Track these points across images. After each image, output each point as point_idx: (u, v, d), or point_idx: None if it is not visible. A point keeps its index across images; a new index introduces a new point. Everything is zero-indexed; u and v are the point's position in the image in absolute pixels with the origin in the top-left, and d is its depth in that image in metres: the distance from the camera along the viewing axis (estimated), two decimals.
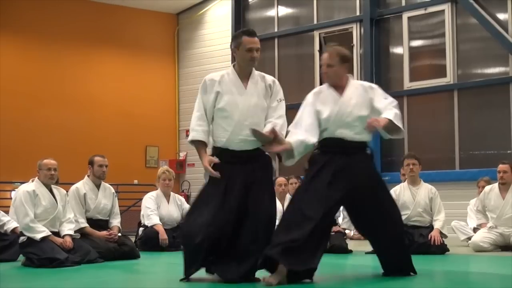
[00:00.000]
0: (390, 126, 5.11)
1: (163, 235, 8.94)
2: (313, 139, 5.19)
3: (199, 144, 5.31)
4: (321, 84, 14.74)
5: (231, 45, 5.42)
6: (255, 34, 5.34)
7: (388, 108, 5.19)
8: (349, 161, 5.19)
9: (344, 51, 5.37)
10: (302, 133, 5.17)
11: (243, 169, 5.22)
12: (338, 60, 5.27)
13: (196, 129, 5.32)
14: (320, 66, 5.43)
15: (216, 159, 5.23)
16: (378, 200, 5.26)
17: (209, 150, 5.40)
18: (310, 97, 5.37)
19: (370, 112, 5.24)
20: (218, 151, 5.29)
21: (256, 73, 5.38)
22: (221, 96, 5.28)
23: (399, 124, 5.15)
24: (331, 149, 5.25)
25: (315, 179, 5.17)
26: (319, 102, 5.29)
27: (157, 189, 9.51)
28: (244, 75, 5.34)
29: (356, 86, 5.34)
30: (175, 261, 7.63)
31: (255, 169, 5.25)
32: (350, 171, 5.16)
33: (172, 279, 5.82)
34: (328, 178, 5.13)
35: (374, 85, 5.44)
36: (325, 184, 5.11)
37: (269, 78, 5.45)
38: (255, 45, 5.29)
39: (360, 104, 5.25)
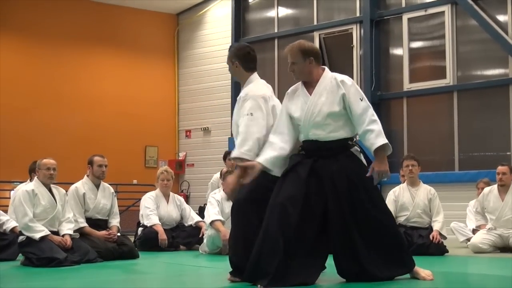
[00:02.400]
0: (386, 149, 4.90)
1: (162, 235, 8.93)
2: (288, 148, 5.00)
3: None
4: None
5: None
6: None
7: (364, 125, 4.87)
8: (324, 167, 4.92)
9: (306, 45, 5.12)
10: (277, 144, 4.97)
11: None
12: (301, 56, 5.02)
13: None
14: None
15: None
16: (359, 204, 4.89)
17: None
18: (285, 98, 5.14)
19: (342, 108, 4.92)
20: None
21: (246, 84, 5.33)
22: None
23: (386, 141, 4.86)
24: (308, 153, 5.01)
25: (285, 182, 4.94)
26: (291, 103, 5.07)
27: (156, 189, 9.51)
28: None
29: (329, 80, 5.00)
30: (174, 261, 7.65)
31: None
32: (326, 178, 4.90)
33: (171, 279, 5.83)
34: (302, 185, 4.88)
35: (348, 80, 5.01)
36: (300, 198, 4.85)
37: (243, 92, 5.24)
38: None
39: (330, 101, 4.94)
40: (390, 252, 4.95)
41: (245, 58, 5.35)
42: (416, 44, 12.85)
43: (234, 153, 5.07)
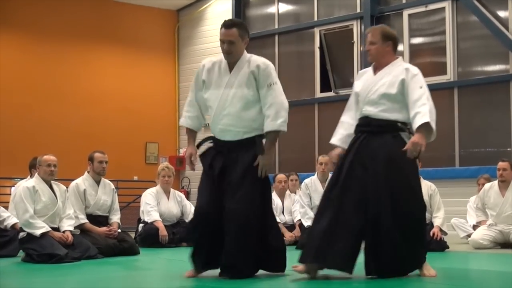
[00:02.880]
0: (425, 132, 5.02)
1: (163, 232, 8.94)
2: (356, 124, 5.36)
3: (187, 130, 5.52)
4: (321, 81, 14.70)
5: None
6: (230, 26, 5.30)
7: (416, 109, 5.02)
8: (370, 143, 5.12)
9: (387, 29, 5.41)
10: (347, 122, 5.38)
11: (225, 157, 5.26)
12: (380, 37, 5.25)
13: (184, 115, 5.57)
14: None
15: (194, 156, 5.39)
16: (390, 188, 4.99)
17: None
18: (356, 78, 5.53)
19: (398, 92, 5.12)
20: (212, 138, 5.44)
21: (246, 59, 5.28)
22: (206, 85, 5.36)
23: (433, 126, 5.03)
24: (359, 128, 5.26)
25: (339, 169, 5.22)
26: (358, 81, 5.40)
27: (157, 185, 9.51)
28: (232, 65, 5.31)
29: (396, 66, 5.26)
30: (175, 257, 7.66)
31: (238, 157, 5.22)
32: (369, 154, 5.09)
33: (172, 275, 5.83)
34: (347, 168, 5.12)
35: (414, 69, 5.23)
36: (344, 176, 5.11)
37: (255, 62, 5.25)
38: (225, 37, 5.31)
39: (389, 83, 5.17)
40: (410, 246, 5.01)
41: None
42: (417, 40, 12.84)
43: (270, 126, 5.13)
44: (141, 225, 9.25)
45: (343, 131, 5.37)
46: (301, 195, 8.85)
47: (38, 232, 6.95)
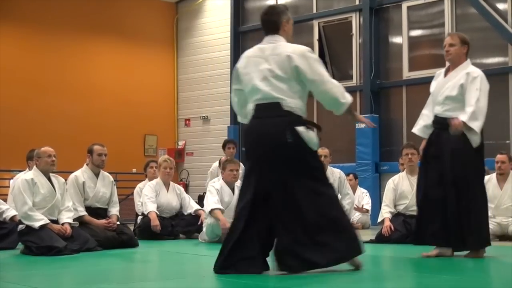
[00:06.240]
0: (466, 127, 5.80)
1: (154, 221, 8.85)
2: (432, 116, 6.26)
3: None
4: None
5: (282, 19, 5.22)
6: None
7: (467, 106, 5.83)
8: (440, 138, 6.02)
9: (464, 35, 6.23)
10: (426, 115, 6.33)
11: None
12: (459, 41, 6.07)
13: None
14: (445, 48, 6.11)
15: None
16: (453, 176, 5.90)
17: None
18: (434, 78, 6.36)
19: (458, 94, 5.94)
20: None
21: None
22: None
23: (472, 125, 5.77)
24: (433, 125, 6.18)
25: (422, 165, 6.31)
26: (433, 82, 6.31)
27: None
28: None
29: (462, 70, 6.01)
30: (173, 249, 7.67)
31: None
32: (439, 147, 6.03)
33: (171, 267, 5.84)
34: (426, 164, 6.16)
35: (474, 73, 5.96)
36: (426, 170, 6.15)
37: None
38: None
39: (452, 86, 6.00)
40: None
41: None
42: (416, 33, 12.83)
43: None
44: (140, 217, 9.25)
45: (422, 122, 6.35)
46: None
47: (37, 224, 6.95)
